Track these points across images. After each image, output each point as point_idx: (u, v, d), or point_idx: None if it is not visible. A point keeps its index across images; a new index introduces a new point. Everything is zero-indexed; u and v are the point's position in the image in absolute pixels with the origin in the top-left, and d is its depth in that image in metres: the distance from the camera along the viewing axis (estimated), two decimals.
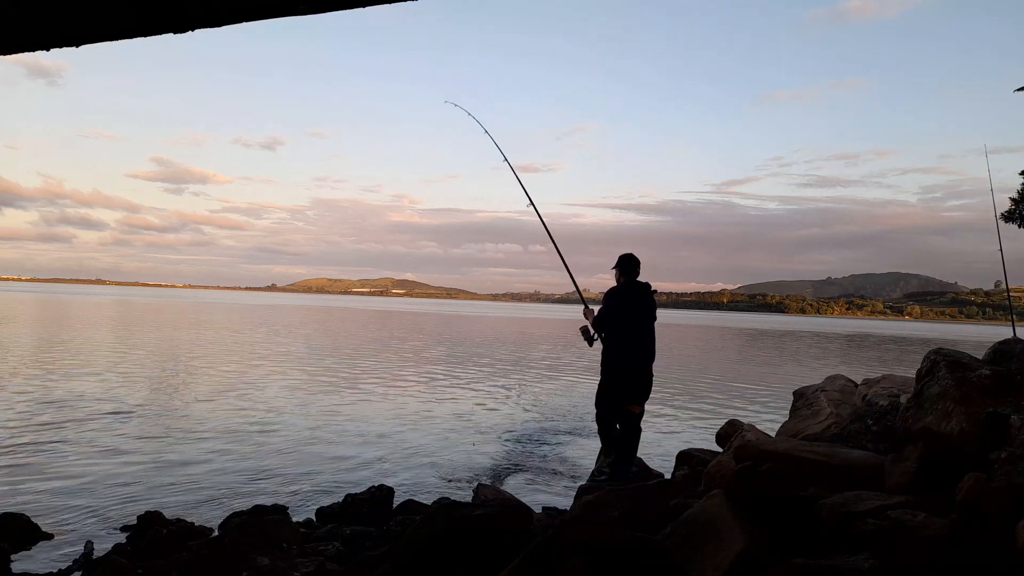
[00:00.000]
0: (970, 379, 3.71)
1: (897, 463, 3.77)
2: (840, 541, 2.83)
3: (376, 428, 9.32)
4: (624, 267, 5.59)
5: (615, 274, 5.68)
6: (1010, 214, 7.47)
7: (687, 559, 2.81)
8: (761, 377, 19.01)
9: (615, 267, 5.69)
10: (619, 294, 5.53)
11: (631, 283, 5.56)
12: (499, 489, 5.75)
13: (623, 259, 5.63)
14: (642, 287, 5.55)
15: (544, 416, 10.85)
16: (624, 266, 5.59)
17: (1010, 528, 2.62)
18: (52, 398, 10.42)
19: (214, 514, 5.37)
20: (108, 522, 5.18)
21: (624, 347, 5.45)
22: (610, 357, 5.49)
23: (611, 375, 5.49)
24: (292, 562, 3.74)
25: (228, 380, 13.51)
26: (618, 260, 5.67)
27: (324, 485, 6.43)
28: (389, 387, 13.65)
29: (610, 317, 5.48)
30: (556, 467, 7.45)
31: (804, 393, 6.52)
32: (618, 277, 5.65)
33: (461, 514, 3.12)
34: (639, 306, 5.48)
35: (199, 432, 8.47)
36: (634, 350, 5.43)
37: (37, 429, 8.19)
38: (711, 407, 12.38)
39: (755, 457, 4.19)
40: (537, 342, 32.20)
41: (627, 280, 5.59)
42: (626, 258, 5.62)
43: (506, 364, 19.89)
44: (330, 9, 2.07)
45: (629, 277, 5.57)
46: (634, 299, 5.50)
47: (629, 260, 5.59)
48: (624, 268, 5.59)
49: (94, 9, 2.01)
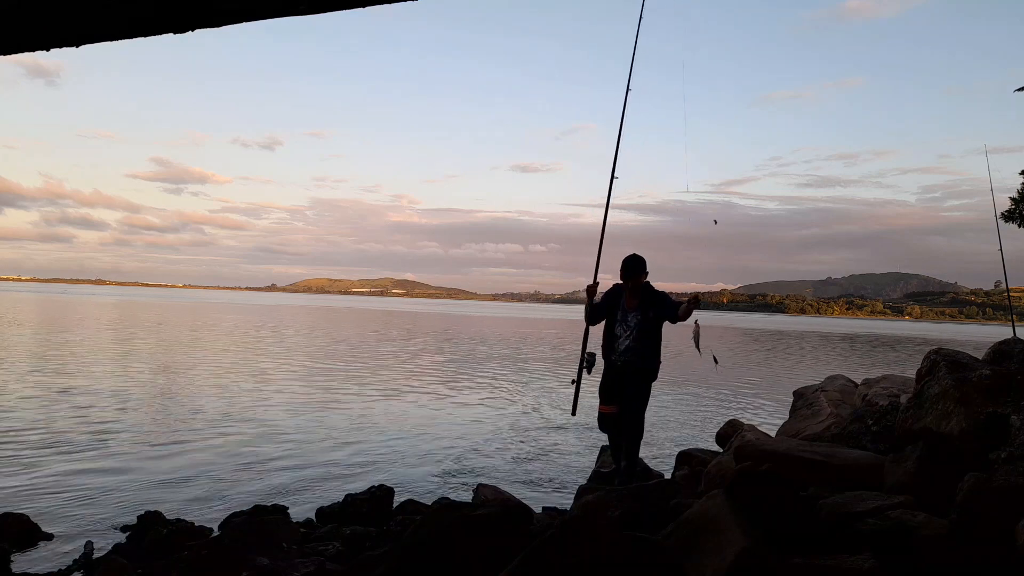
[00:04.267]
0: (970, 379, 3.71)
1: (897, 463, 3.77)
2: (840, 541, 2.83)
3: (376, 428, 9.32)
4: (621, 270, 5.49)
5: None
6: (1010, 214, 7.48)
7: (687, 559, 2.81)
8: (761, 377, 19.01)
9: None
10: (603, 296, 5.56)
11: (616, 284, 5.52)
12: (499, 489, 5.75)
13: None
14: (619, 287, 5.48)
15: (545, 416, 10.85)
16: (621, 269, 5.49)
17: (1010, 528, 2.62)
18: (52, 398, 10.41)
19: (214, 514, 5.37)
20: (108, 522, 5.17)
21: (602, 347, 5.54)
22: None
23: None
24: (292, 562, 3.73)
25: (228, 380, 13.50)
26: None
27: (324, 485, 6.42)
28: (389, 387, 13.64)
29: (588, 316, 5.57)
30: (556, 467, 7.45)
31: (804, 393, 6.53)
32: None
33: (461, 514, 3.12)
34: (612, 307, 5.47)
35: (199, 432, 8.46)
36: (604, 351, 5.50)
37: (37, 429, 8.18)
38: (711, 407, 12.38)
39: (755, 457, 4.19)
40: (537, 342, 32.20)
41: (618, 282, 5.53)
42: (624, 261, 5.49)
43: (506, 364, 19.89)
44: (330, 9, 2.07)
45: (622, 279, 5.47)
46: (608, 300, 5.52)
47: (623, 263, 5.46)
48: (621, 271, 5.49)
49: (94, 9, 2.01)
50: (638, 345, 5.34)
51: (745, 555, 2.60)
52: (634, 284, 5.39)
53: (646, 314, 5.35)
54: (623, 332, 5.40)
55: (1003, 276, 7.89)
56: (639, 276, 5.38)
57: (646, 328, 5.35)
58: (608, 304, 5.54)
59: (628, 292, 5.44)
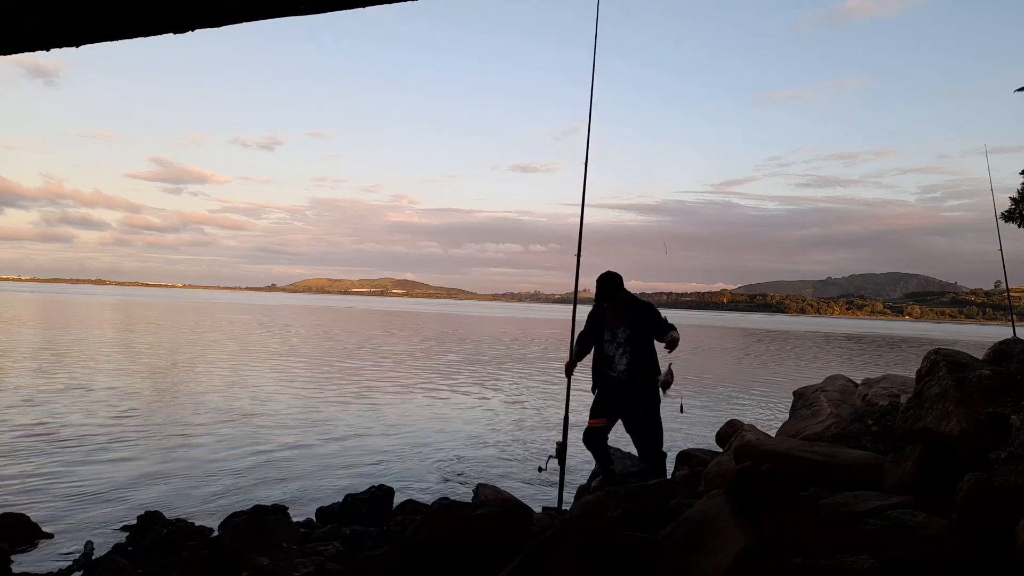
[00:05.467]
0: (970, 379, 3.71)
1: (897, 463, 3.77)
2: (840, 541, 2.83)
3: (376, 428, 9.32)
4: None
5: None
6: (1010, 214, 7.48)
7: (687, 559, 2.81)
8: (761, 377, 19.01)
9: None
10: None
11: (596, 304, 5.34)
12: (499, 489, 5.75)
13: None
14: (600, 306, 5.30)
15: (545, 416, 10.85)
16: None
17: (1010, 528, 2.62)
18: (52, 398, 10.41)
19: (214, 514, 5.37)
20: (108, 522, 5.17)
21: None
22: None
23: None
24: (292, 562, 3.74)
25: (229, 380, 13.51)
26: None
27: (324, 485, 6.43)
28: (389, 387, 13.64)
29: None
30: (556, 467, 7.43)
31: (804, 393, 6.53)
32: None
33: (461, 514, 3.12)
34: (598, 328, 5.31)
35: (199, 432, 8.47)
36: (597, 377, 5.35)
37: (37, 429, 8.19)
38: (711, 407, 12.37)
39: (755, 457, 4.19)
40: (538, 342, 32.19)
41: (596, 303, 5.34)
42: (598, 282, 5.24)
43: (507, 363, 19.89)
44: (330, 9, 2.07)
45: (597, 299, 5.25)
46: (593, 321, 5.37)
47: (597, 284, 5.22)
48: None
49: (94, 9, 2.01)
50: (635, 358, 5.16)
51: (745, 555, 2.60)
52: (612, 303, 5.18)
53: (635, 327, 5.17)
54: (615, 351, 5.21)
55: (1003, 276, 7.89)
56: (616, 296, 5.16)
57: (638, 339, 5.17)
58: (594, 326, 5.34)
59: (610, 310, 5.24)
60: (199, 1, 1.99)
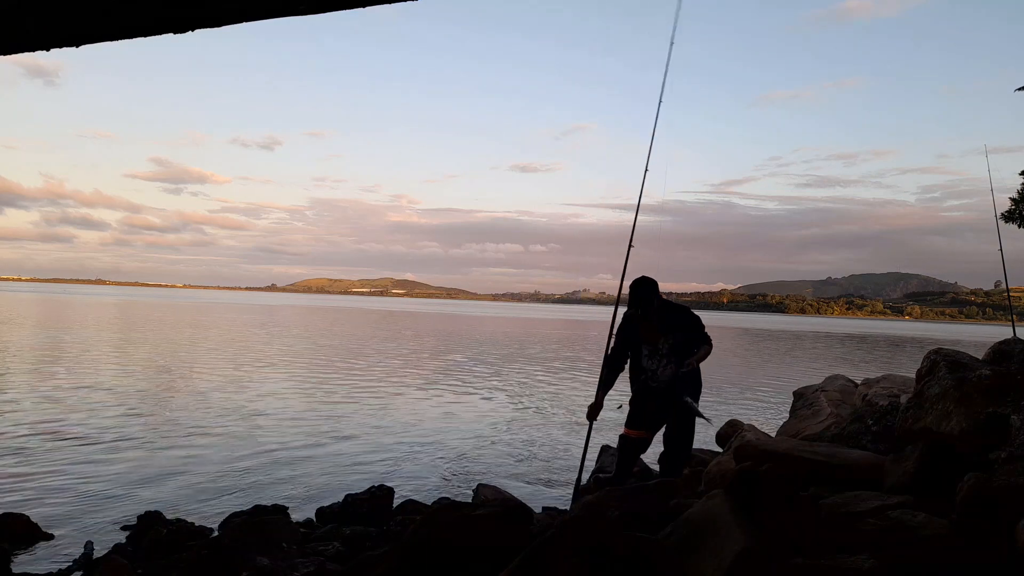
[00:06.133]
0: (970, 379, 3.70)
1: (897, 463, 3.77)
2: (840, 541, 2.83)
3: (376, 428, 9.32)
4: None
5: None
6: (1010, 214, 7.48)
7: (687, 559, 2.81)
8: (761, 377, 19.00)
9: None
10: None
11: (628, 314, 4.96)
12: (499, 489, 5.75)
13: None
14: (632, 316, 4.92)
15: (545, 416, 10.85)
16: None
17: (1010, 528, 2.62)
18: (52, 398, 10.41)
19: (214, 514, 5.37)
20: (108, 522, 5.17)
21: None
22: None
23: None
24: (292, 562, 3.73)
25: (229, 380, 13.51)
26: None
27: (324, 485, 6.43)
28: (389, 387, 13.64)
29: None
30: (556, 467, 7.45)
31: (804, 393, 6.53)
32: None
33: (461, 514, 3.12)
34: (633, 340, 4.98)
35: (199, 432, 8.47)
36: (638, 391, 5.08)
37: (37, 429, 8.19)
38: (711, 407, 12.38)
39: (755, 457, 4.19)
40: (537, 342, 32.19)
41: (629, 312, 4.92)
42: (632, 289, 4.85)
43: (507, 363, 19.89)
44: (330, 9, 2.07)
45: (631, 306, 4.85)
46: (625, 333, 5.02)
47: (631, 291, 4.83)
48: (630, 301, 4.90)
49: (94, 9, 2.01)
50: (636, 372, 4.95)
51: (745, 555, 2.60)
52: (646, 314, 4.79)
53: (678, 336, 4.84)
54: (657, 364, 4.89)
55: (1003, 276, 7.89)
56: (651, 306, 4.76)
57: (682, 348, 4.83)
58: (627, 343, 4.96)
59: (642, 327, 4.86)
60: (199, 1, 1.99)
